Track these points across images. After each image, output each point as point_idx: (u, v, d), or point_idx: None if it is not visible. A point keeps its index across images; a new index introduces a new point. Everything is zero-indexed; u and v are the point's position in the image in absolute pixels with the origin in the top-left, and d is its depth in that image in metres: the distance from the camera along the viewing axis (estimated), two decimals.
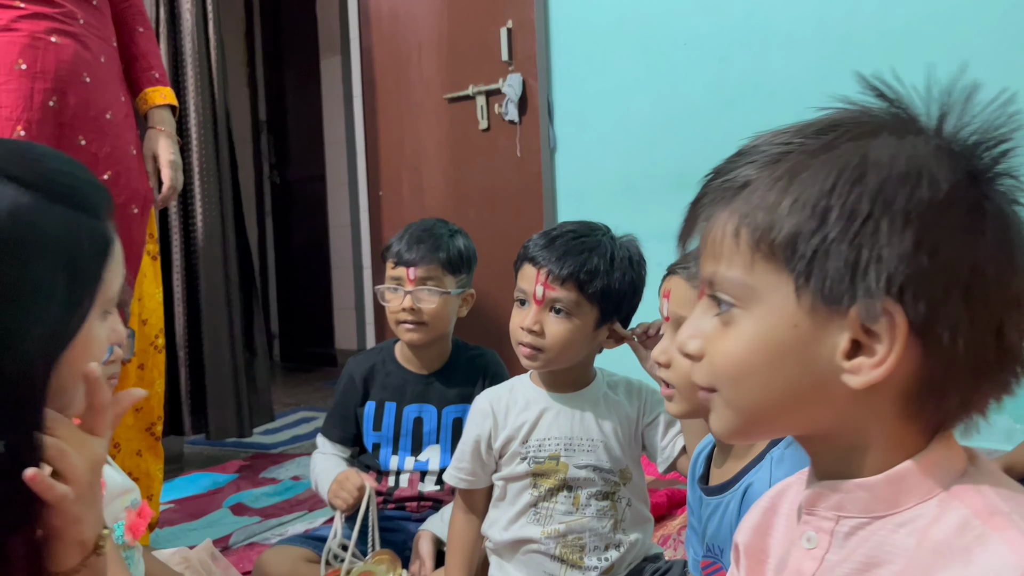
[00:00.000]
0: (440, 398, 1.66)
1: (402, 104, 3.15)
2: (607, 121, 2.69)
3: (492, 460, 1.35)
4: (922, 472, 0.52)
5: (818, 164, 0.52)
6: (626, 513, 1.33)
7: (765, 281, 0.53)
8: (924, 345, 0.50)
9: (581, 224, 1.31)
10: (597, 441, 1.31)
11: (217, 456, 2.73)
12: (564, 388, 1.34)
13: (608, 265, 1.25)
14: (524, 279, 1.29)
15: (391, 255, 1.65)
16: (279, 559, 1.49)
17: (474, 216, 2.94)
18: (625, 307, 1.31)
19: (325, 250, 4.68)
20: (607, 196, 2.66)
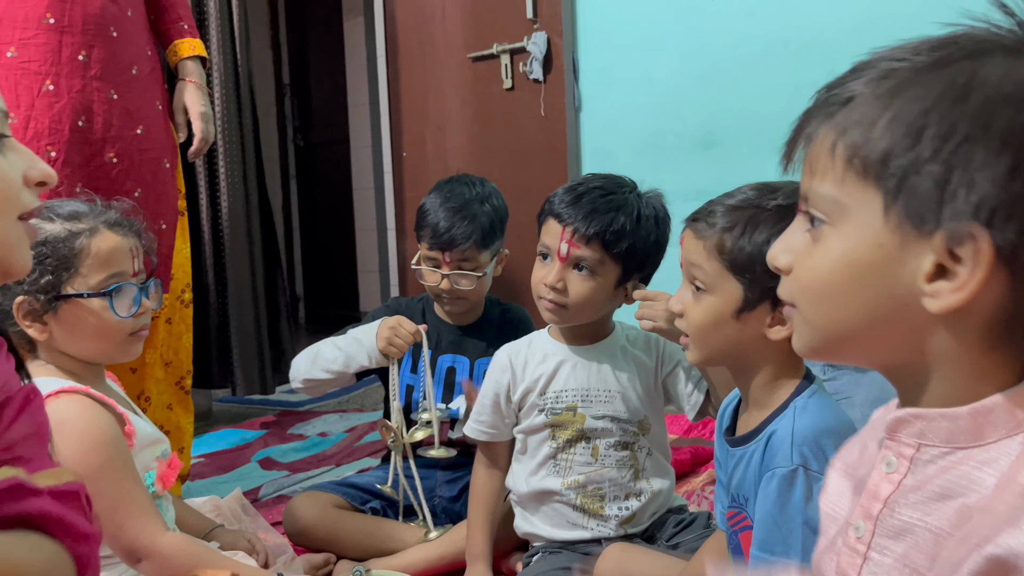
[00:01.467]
0: (473, 350, 1.68)
1: (426, 64, 3.13)
2: (633, 79, 2.65)
3: (512, 413, 1.36)
4: (1009, 407, 0.51)
5: (925, 81, 0.50)
6: (646, 463, 1.34)
7: (855, 198, 0.52)
8: (1011, 275, 0.49)
9: (607, 179, 1.30)
10: (615, 392, 1.32)
11: (245, 413, 2.77)
12: (582, 340, 1.34)
13: (635, 224, 1.24)
14: (548, 234, 1.28)
15: (424, 237, 1.62)
16: (309, 504, 1.52)
17: (498, 176, 2.91)
18: (648, 265, 1.30)
19: (349, 213, 4.69)
20: (633, 155, 2.63)
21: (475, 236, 1.58)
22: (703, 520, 1.35)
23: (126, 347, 1.17)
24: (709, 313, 0.96)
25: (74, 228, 1.12)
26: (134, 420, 1.17)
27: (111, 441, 1.08)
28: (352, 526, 1.50)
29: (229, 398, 2.97)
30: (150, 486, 1.18)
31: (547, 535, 1.33)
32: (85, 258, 1.11)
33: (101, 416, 1.09)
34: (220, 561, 1.13)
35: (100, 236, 1.13)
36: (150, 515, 1.09)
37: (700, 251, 0.97)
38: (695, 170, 2.49)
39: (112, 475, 1.07)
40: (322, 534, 1.49)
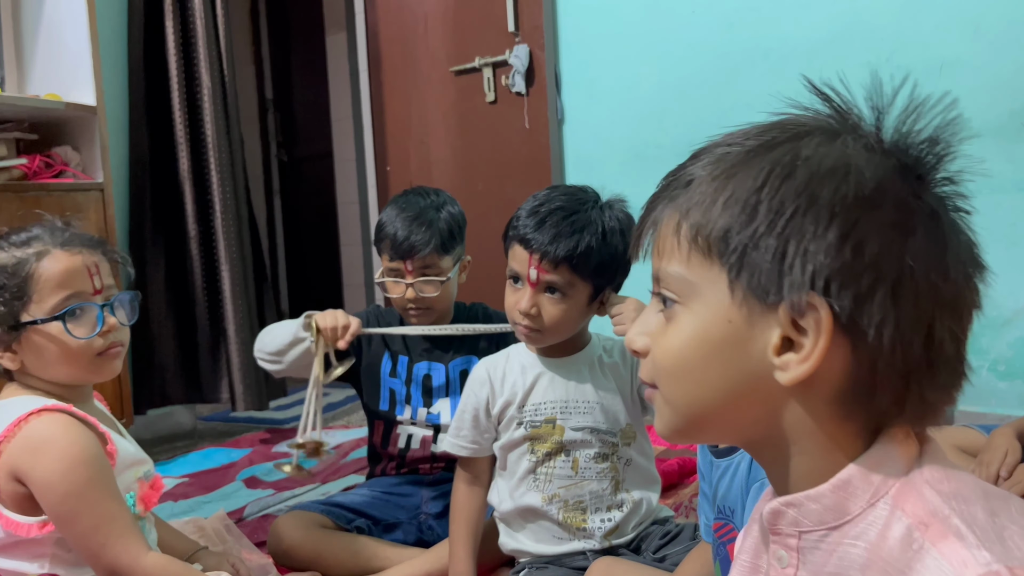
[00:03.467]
0: (446, 355, 1.67)
1: (408, 79, 3.13)
2: (615, 91, 2.67)
3: (491, 427, 1.35)
4: (864, 474, 0.52)
5: (754, 162, 0.52)
6: (626, 473, 1.34)
7: (702, 276, 0.54)
8: (852, 343, 0.50)
9: (568, 196, 1.28)
10: (593, 403, 1.32)
11: (230, 431, 2.75)
12: (559, 353, 1.34)
13: (600, 241, 1.24)
14: (516, 260, 1.27)
15: (384, 249, 1.61)
16: (294, 523, 1.50)
17: (482, 188, 2.93)
18: (619, 276, 1.30)
19: (333, 227, 4.68)
20: (616, 166, 2.64)
21: (434, 241, 1.57)
22: (689, 532, 1.34)
23: (97, 368, 1.14)
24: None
25: (22, 254, 1.10)
26: (116, 440, 1.15)
27: (93, 459, 1.07)
28: (337, 545, 1.49)
29: (214, 416, 2.95)
30: (132, 507, 1.16)
31: (533, 551, 1.32)
32: (36, 283, 1.09)
33: (83, 434, 1.08)
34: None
35: (50, 258, 1.11)
36: (132, 535, 1.07)
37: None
38: None
39: (94, 494, 1.05)
40: (307, 554, 1.47)
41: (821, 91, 0.55)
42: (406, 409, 1.67)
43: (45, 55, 2.34)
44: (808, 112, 0.55)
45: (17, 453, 1.05)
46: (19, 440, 1.05)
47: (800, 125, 0.54)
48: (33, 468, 1.04)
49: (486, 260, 2.12)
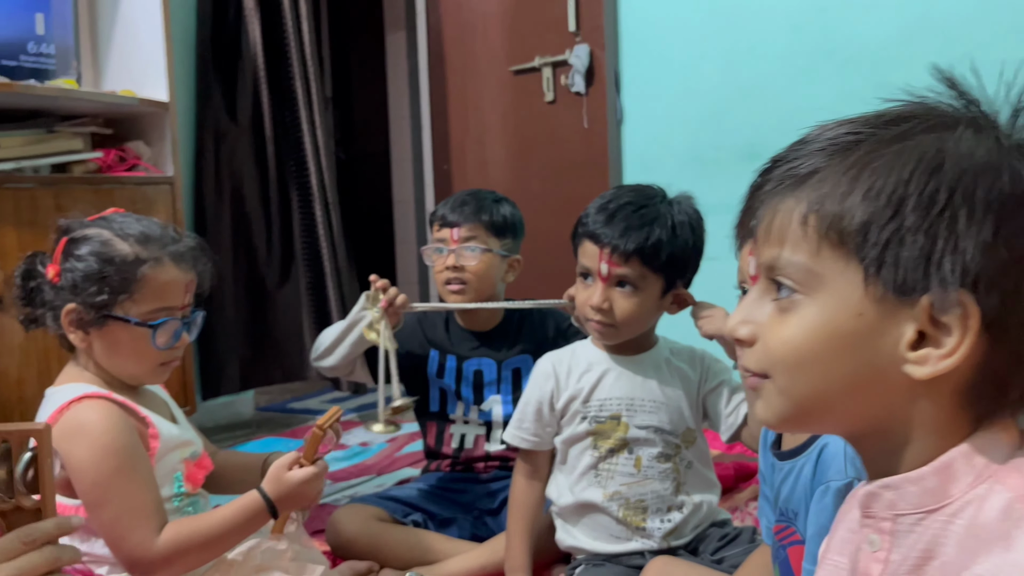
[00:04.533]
0: (499, 352, 1.69)
1: (467, 78, 3.15)
2: (676, 92, 2.65)
3: (554, 421, 1.36)
4: (968, 458, 0.52)
5: (891, 154, 0.52)
6: (687, 475, 1.34)
7: (831, 268, 0.53)
8: (992, 338, 0.50)
9: (637, 192, 1.30)
10: (659, 403, 1.32)
11: (287, 422, 2.80)
12: (626, 351, 1.35)
13: (671, 234, 1.25)
14: (586, 256, 1.29)
15: (436, 218, 1.67)
16: (352, 516, 1.53)
17: (538, 189, 2.93)
18: (690, 271, 1.31)
19: (389, 225, 4.73)
20: (675, 168, 2.62)
21: (484, 216, 1.62)
22: (748, 535, 1.33)
23: (156, 374, 1.20)
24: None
25: (141, 254, 1.14)
26: (161, 424, 1.18)
27: (124, 448, 1.10)
28: (394, 538, 1.51)
29: (271, 406, 3.01)
30: (179, 487, 1.20)
31: (589, 548, 1.33)
32: (142, 287, 1.13)
33: (118, 423, 1.11)
34: (217, 518, 1.13)
35: (162, 268, 1.15)
36: (148, 525, 1.09)
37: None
38: (738, 183, 2.43)
39: (121, 482, 1.08)
40: (364, 546, 1.50)
41: (953, 81, 0.54)
42: (458, 406, 1.68)
43: (120, 52, 2.42)
44: (927, 102, 0.54)
45: (58, 439, 1.08)
46: (60, 426, 1.09)
47: (936, 115, 0.53)
48: (69, 454, 1.09)
49: (539, 260, 2.13)
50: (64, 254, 1.14)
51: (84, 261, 1.12)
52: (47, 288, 1.15)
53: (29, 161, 2.05)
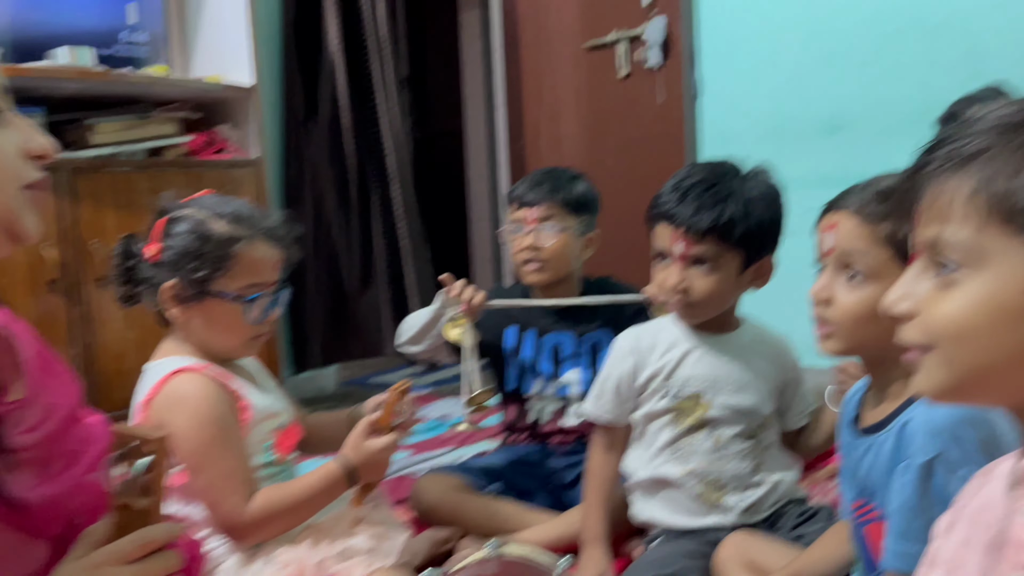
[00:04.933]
0: (576, 326, 1.70)
1: (541, 56, 3.15)
2: (754, 63, 2.60)
3: (632, 397, 1.36)
4: None
5: None
6: (765, 456, 1.34)
7: (997, 245, 0.54)
8: None
9: (709, 169, 1.29)
10: (741, 385, 1.32)
11: (367, 396, 2.87)
12: (710, 330, 1.34)
13: (744, 210, 1.24)
14: (661, 237, 1.29)
15: (513, 198, 1.69)
16: (434, 484, 1.58)
17: (612, 165, 2.93)
18: (769, 244, 1.30)
19: (463, 204, 4.78)
20: (754, 141, 2.57)
21: (560, 194, 1.64)
22: (826, 513, 1.32)
23: (247, 347, 1.26)
24: (868, 303, 0.93)
25: (236, 232, 1.19)
26: (252, 395, 1.24)
27: (219, 419, 1.16)
28: (474, 507, 1.55)
29: (353, 381, 3.10)
30: (269, 456, 1.26)
31: (665, 522, 1.33)
32: (236, 263, 1.19)
33: (214, 394, 1.17)
34: (302, 486, 1.18)
35: (254, 246, 1.20)
36: (241, 492, 1.15)
37: (866, 237, 0.94)
38: (820, 156, 2.42)
39: (216, 452, 1.14)
40: (446, 513, 1.54)
41: None
42: (535, 383, 1.71)
43: (207, 39, 2.51)
44: None
45: (159, 409, 1.16)
46: (161, 397, 1.16)
47: None
48: (170, 423, 1.14)
49: (615, 236, 2.12)
50: (163, 233, 1.20)
51: (183, 239, 1.18)
52: (144, 266, 1.21)
53: (126, 146, 2.15)
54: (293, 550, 1.15)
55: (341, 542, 1.16)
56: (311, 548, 1.15)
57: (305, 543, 1.16)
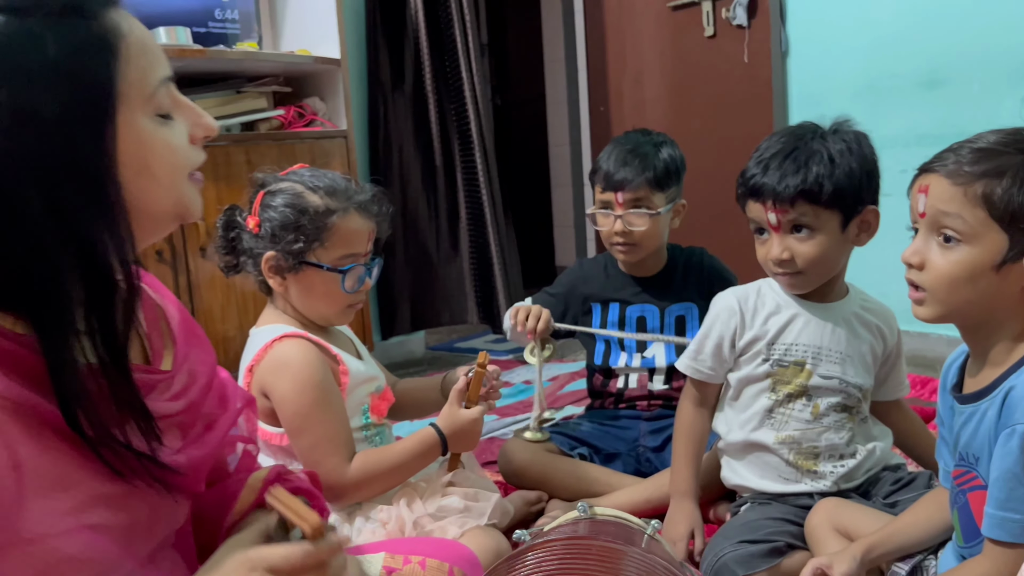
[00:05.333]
0: (661, 298, 1.69)
1: (623, 17, 3.11)
2: (847, 19, 2.50)
3: (732, 358, 1.36)
4: None
5: None
6: (862, 427, 1.32)
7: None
8: None
9: (787, 137, 1.27)
10: (845, 355, 1.30)
11: (454, 360, 2.95)
12: (816, 298, 1.32)
13: (830, 166, 1.21)
14: (753, 212, 1.28)
15: (598, 179, 1.65)
16: (522, 447, 1.61)
17: (698, 126, 2.88)
18: (867, 195, 1.25)
19: (544, 170, 4.78)
20: (845, 100, 2.49)
21: (647, 175, 1.59)
22: (924, 480, 1.29)
23: (342, 315, 1.30)
24: (963, 265, 0.91)
25: (331, 205, 1.23)
26: (349, 361, 1.29)
27: (320, 383, 1.20)
28: (562, 469, 1.58)
29: (439, 346, 3.18)
30: (366, 419, 1.31)
31: (756, 487, 1.33)
32: (332, 235, 1.23)
33: (316, 359, 1.22)
34: (398, 450, 1.23)
35: (349, 217, 1.24)
36: (341, 454, 1.20)
37: (959, 198, 0.91)
38: (917, 113, 2.32)
39: (317, 414, 1.19)
40: (534, 475, 1.58)
41: None
42: (621, 356, 1.71)
43: (295, 14, 2.57)
44: None
45: (264, 373, 1.22)
46: (266, 362, 1.21)
47: None
48: (274, 386, 1.20)
49: (701, 200, 2.10)
50: (262, 206, 1.25)
51: (281, 212, 1.23)
52: (246, 237, 1.26)
53: (222, 121, 2.24)
54: (390, 509, 1.20)
55: (434, 501, 1.21)
56: (407, 507, 1.20)
57: (401, 502, 1.21)
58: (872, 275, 1.56)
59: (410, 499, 1.23)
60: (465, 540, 1.13)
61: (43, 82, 0.61)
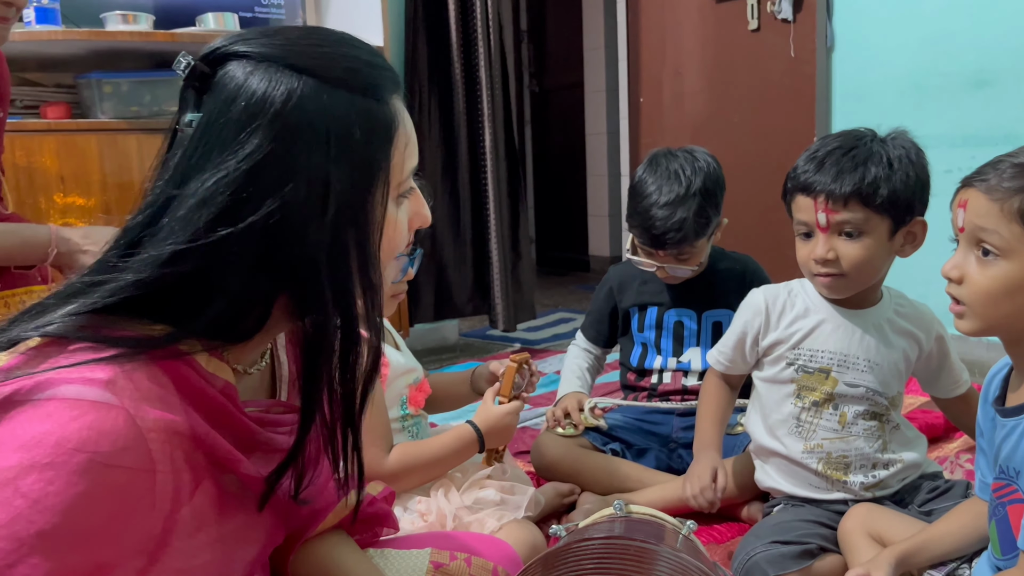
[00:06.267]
0: (700, 303, 1.69)
1: (666, 8, 3.08)
2: (894, 14, 2.46)
3: (755, 356, 1.35)
4: None
5: None
6: (893, 435, 1.30)
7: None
8: None
9: (844, 137, 1.24)
10: (874, 363, 1.27)
11: (486, 348, 2.97)
12: (849, 303, 1.30)
13: (888, 170, 1.19)
14: (801, 210, 1.24)
15: (635, 231, 1.61)
16: (555, 441, 1.62)
17: (739, 121, 2.85)
18: (918, 206, 1.24)
19: (581, 158, 4.76)
20: (891, 97, 2.45)
21: (689, 234, 1.55)
22: (960, 489, 1.28)
23: (386, 306, 1.30)
24: (1001, 280, 0.91)
25: None
26: (390, 353, 1.31)
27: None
28: (594, 464, 1.59)
29: (472, 333, 3.19)
30: (404, 410, 1.32)
31: (788, 491, 1.33)
32: None
33: None
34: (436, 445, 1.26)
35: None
36: (380, 444, 1.22)
37: (995, 214, 0.91)
38: (965, 113, 2.28)
39: None
40: (566, 469, 1.59)
41: None
42: (657, 359, 1.72)
43: (339, 3, 2.59)
44: None
45: None
46: None
47: None
48: None
49: (740, 194, 2.09)
50: None
51: None
52: None
53: None
54: (428, 500, 1.22)
55: (471, 494, 1.23)
56: (444, 498, 1.22)
57: (438, 492, 1.23)
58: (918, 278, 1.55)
59: (447, 490, 1.25)
60: (502, 533, 1.15)
61: (339, 153, 0.65)
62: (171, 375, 0.63)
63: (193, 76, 0.66)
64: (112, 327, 0.63)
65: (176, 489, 0.61)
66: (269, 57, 0.66)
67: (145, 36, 2.08)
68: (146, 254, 0.63)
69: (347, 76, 0.66)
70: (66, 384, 0.57)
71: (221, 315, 0.64)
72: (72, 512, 0.55)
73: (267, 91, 0.64)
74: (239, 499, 0.69)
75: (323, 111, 0.65)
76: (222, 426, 0.66)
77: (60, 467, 0.55)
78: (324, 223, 0.65)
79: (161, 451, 0.60)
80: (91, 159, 1.99)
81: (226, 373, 0.67)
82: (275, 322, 0.69)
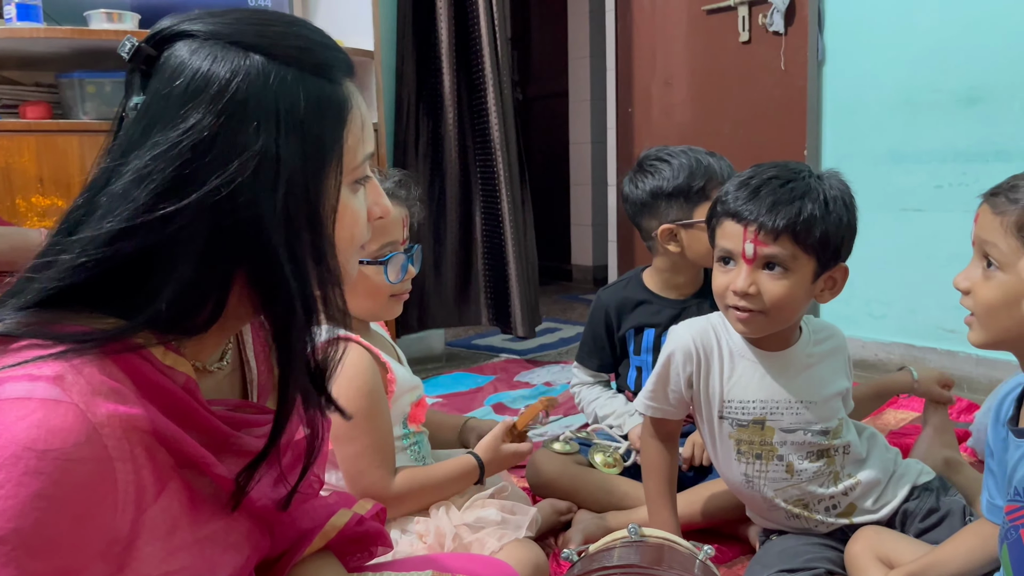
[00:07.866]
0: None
1: (656, 17, 3.07)
2: (886, 28, 2.47)
3: (686, 404, 1.28)
4: None
5: None
6: (845, 460, 1.26)
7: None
8: None
9: (780, 168, 1.19)
10: (807, 402, 1.22)
11: (473, 358, 2.93)
12: (770, 346, 1.24)
13: (824, 209, 1.14)
14: (727, 237, 1.18)
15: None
16: (551, 459, 1.59)
17: (729, 132, 2.85)
18: (844, 252, 1.19)
19: (564, 167, 4.75)
20: (881, 112, 2.46)
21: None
22: (958, 515, 1.24)
23: (388, 307, 1.27)
24: (1000, 292, 0.94)
25: None
26: (396, 368, 1.26)
27: (372, 391, 1.17)
28: (591, 482, 1.55)
29: (457, 342, 3.16)
30: (406, 428, 1.28)
31: (773, 528, 1.30)
32: None
33: (368, 367, 1.18)
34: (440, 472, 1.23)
35: None
36: (385, 466, 1.18)
37: (996, 227, 0.94)
38: (956, 129, 2.29)
39: (366, 423, 1.16)
40: (563, 487, 1.55)
41: None
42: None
43: (329, 3, 2.55)
44: None
45: None
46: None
47: None
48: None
49: None
50: None
51: None
52: None
53: None
54: (427, 521, 1.18)
55: (472, 512, 1.19)
56: (445, 516, 1.18)
57: (438, 511, 1.19)
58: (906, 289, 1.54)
59: (447, 508, 1.21)
60: (503, 554, 1.11)
61: (288, 131, 0.63)
62: (126, 369, 0.59)
63: (138, 58, 0.64)
64: (60, 322, 0.59)
65: (139, 487, 0.58)
66: (216, 35, 0.63)
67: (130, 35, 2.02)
68: (84, 235, 0.60)
69: (298, 55, 0.65)
70: (11, 382, 0.54)
71: (173, 304, 0.60)
72: (28, 515, 0.52)
73: (211, 67, 0.62)
74: (213, 502, 0.66)
75: (271, 87, 0.63)
76: (187, 424, 0.62)
77: (9, 468, 0.52)
78: (275, 204, 0.62)
79: (118, 447, 0.56)
80: (72, 160, 1.93)
81: (185, 367, 0.64)
82: (232, 313, 0.66)
